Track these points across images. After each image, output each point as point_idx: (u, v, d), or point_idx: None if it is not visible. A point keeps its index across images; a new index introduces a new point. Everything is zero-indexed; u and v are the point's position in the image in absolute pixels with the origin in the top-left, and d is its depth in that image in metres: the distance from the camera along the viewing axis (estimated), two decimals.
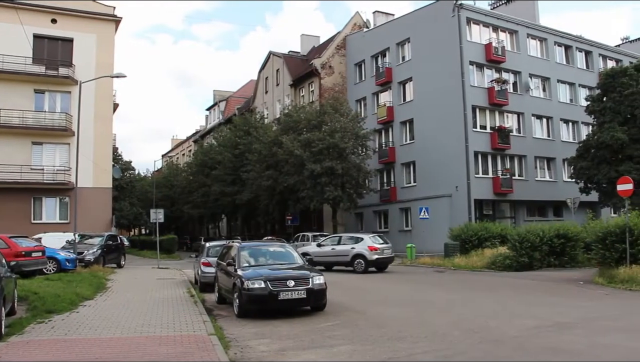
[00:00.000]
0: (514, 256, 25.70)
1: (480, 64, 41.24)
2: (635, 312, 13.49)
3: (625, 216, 20.17)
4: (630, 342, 9.95)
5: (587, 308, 14.17)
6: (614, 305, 14.83)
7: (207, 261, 19.91)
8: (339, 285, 19.77)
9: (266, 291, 13.03)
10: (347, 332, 11.38)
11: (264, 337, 11.06)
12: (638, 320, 12.38)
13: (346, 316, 13.43)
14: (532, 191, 42.44)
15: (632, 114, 36.51)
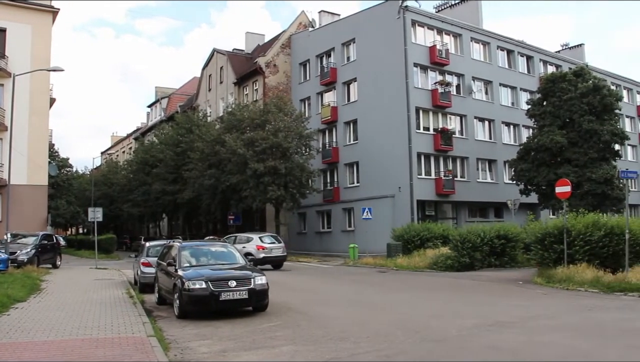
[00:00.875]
0: (456, 256, 26.13)
1: (425, 66, 41.74)
2: (572, 311, 13.87)
3: (563, 218, 20.76)
4: (567, 340, 10.23)
5: (526, 307, 14.50)
6: (551, 304, 15.21)
7: (147, 261, 19.63)
8: (282, 285, 19.75)
9: (207, 291, 12.91)
10: (289, 332, 11.37)
11: (205, 338, 10.96)
12: (574, 318, 12.73)
13: (288, 316, 13.42)
14: (473, 192, 43.25)
15: (570, 118, 37.67)
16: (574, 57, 56.17)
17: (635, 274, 17.64)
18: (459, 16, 46.56)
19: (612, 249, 19.31)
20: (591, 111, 37.42)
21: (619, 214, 32.74)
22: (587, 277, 18.14)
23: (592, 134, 37.05)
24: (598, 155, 37.37)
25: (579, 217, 20.69)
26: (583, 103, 37.23)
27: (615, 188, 36.47)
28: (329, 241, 44.92)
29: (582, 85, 37.86)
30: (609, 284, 17.32)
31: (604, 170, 36.66)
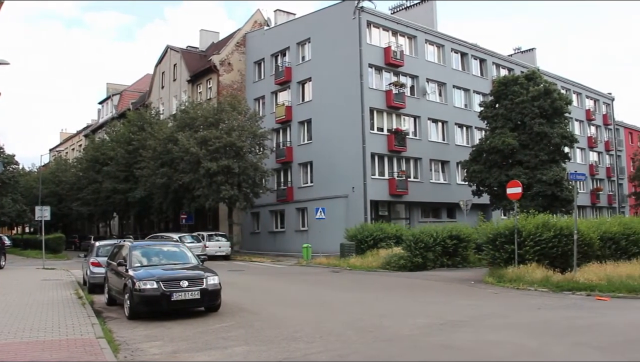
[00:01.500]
0: (409, 256, 26.32)
1: (379, 67, 42.02)
2: (522, 310, 14.12)
3: (514, 218, 21.15)
4: (517, 338, 10.41)
5: (478, 307, 14.71)
6: (502, 303, 15.48)
7: (97, 261, 19.36)
8: (234, 285, 19.64)
9: (159, 291, 12.79)
10: (242, 332, 11.33)
11: (156, 339, 10.83)
12: (524, 317, 12.96)
13: (241, 316, 13.36)
14: (426, 193, 43.69)
15: (522, 121, 38.39)
16: (526, 61, 57.40)
17: (583, 274, 18.11)
18: (414, 18, 47.02)
19: (561, 249, 19.76)
20: (542, 114, 38.18)
21: (568, 215, 33.46)
22: (537, 277, 18.53)
23: (543, 136, 37.82)
24: (548, 158, 38.16)
25: (529, 218, 21.10)
26: (534, 106, 37.97)
27: (565, 190, 37.27)
28: (282, 241, 44.86)
29: (533, 88, 38.61)
30: (558, 283, 17.74)
31: (553, 172, 37.42)
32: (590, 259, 20.05)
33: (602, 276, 17.71)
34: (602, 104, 69.41)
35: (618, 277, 17.46)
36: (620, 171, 70.40)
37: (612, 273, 17.96)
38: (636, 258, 21.45)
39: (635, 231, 23.12)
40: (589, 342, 9.84)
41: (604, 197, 65.73)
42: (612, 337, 10.26)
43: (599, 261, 20.07)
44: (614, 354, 9.09)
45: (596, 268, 18.86)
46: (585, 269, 18.68)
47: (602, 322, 11.98)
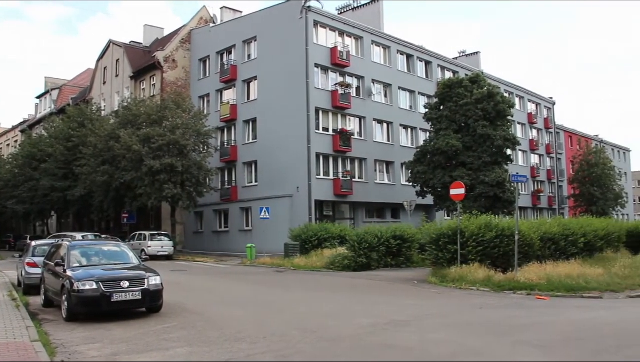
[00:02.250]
0: (353, 257, 26.44)
1: (326, 67, 42.11)
2: (464, 309, 14.33)
3: (457, 219, 21.49)
4: (458, 337, 10.55)
5: (421, 306, 14.87)
6: (445, 303, 15.69)
7: (33, 261, 18.82)
8: (177, 286, 19.39)
9: (98, 292, 12.52)
10: (185, 334, 11.17)
11: (95, 341, 10.58)
12: (466, 317, 13.16)
13: (184, 317, 13.19)
14: (371, 193, 44.00)
15: (466, 123, 39.01)
16: (471, 65, 58.40)
17: (524, 274, 18.55)
18: (360, 19, 47.28)
19: (502, 249, 20.15)
20: (485, 117, 38.86)
21: (510, 216, 34.20)
22: (479, 277, 18.87)
23: (486, 138, 38.49)
24: (491, 160, 38.87)
25: (472, 218, 21.47)
26: (478, 109, 38.63)
27: (507, 191, 38.02)
28: (226, 241, 44.52)
29: (477, 91, 39.27)
30: (500, 283, 18.11)
31: (496, 173, 38.13)
32: (530, 259, 20.55)
33: (542, 275, 18.19)
34: (543, 108, 71.25)
35: (557, 276, 17.97)
36: (561, 174, 72.43)
37: (551, 273, 18.47)
38: (575, 258, 22.20)
39: (574, 231, 23.86)
40: (529, 341, 10.03)
41: (545, 198, 67.47)
42: (552, 336, 10.48)
43: (539, 261, 20.60)
44: (554, 352, 9.29)
45: (536, 268, 19.36)
46: (526, 269, 19.14)
47: (542, 321, 12.23)
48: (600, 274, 18.72)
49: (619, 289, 17.06)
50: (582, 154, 66.55)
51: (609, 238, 27.11)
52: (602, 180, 62.48)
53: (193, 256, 40.01)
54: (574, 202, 65.68)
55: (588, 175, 63.22)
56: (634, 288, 17.32)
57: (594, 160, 63.60)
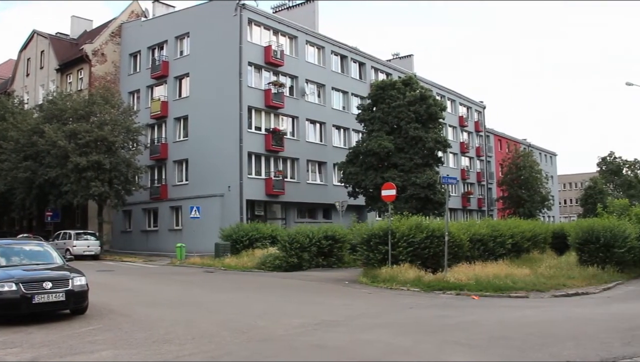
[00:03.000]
0: (284, 257, 26.42)
1: (259, 65, 41.92)
2: (395, 309, 14.50)
3: (388, 220, 21.75)
4: (389, 337, 10.63)
5: (352, 306, 14.94)
6: (376, 303, 15.84)
7: None
8: (103, 286, 18.92)
9: (18, 294, 11.96)
10: (111, 336, 10.87)
11: (14, 345, 10.12)
12: (397, 316, 13.31)
13: (110, 319, 12.85)
14: (303, 193, 44.06)
15: (398, 125, 39.50)
16: (404, 67, 59.20)
17: (453, 274, 18.93)
18: (295, 18, 47.28)
19: (433, 250, 20.50)
20: (417, 119, 39.45)
21: (440, 217, 34.73)
22: (409, 277, 19.12)
23: (418, 140, 39.08)
24: (422, 161, 39.50)
25: (403, 219, 21.72)
26: (410, 111, 39.18)
27: (437, 193, 38.68)
28: (155, 240, 43.78)
29: (410, 94, 39.86)
30: (430, 283, 18.40)
31: (427, 175, 38.74)
32: (460, 260, 20.98)
33: (471, 276, 18.60)
34: (474, 111, 72.86)
35: (485, 277, 18.43)
36: (490, 176, 74.27)
37: (480, 273, 18.92)
38: (503, 259, 22.83)
39: (502, 233, 24.53)
40: (457, 340, 10.21)
41: (474, 200, 69.08)
42: (479, 335, 10.69)
43: (468, 261, 21.07)
44: (480, 351, 9.48)
45: (465, 268, 19.80)
46: (455, 270, 19.53)
47: (470, 320, 12.47)
48: (526, 275, 19.31)
49: (545, 288, 17.64)
50: (510, 157, 68.59)
51: (536, 239, 28.00)
52: (529, 183, 64.36)
53: (121, 256, 39.17)
54: (503, 204, 67.48)
55: (516, 178, 65.07)
56: (558, 288, 17.95)
57: (522, 163, 65.49)
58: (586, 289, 18.11)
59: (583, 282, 18.91)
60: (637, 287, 19.70)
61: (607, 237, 20.97)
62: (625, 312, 13.63)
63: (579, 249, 22.12)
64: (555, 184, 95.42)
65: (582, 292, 17.54)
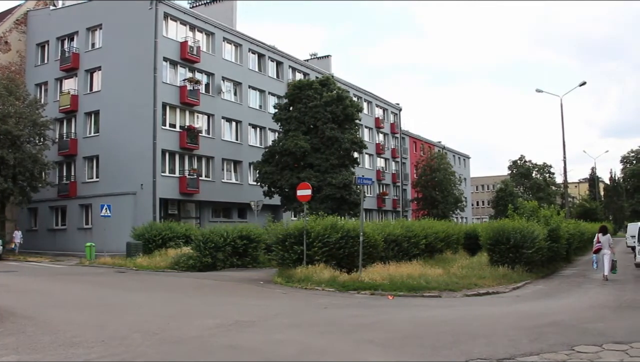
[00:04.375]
0: (198, 256, 26.19)
1: (175, 61, 41.31)
2: (309, 309, 14.54)
3: (304, 220, 21.82)
4: (303, 337, 10.64)
5: (266, 306, 14.89)
6: (290, 303, 15.84)
7: None
8: (5, 287, 18.25)
9: None
10: (12, 340, 10.36)
11: None
12: (311, 317, 13.33)
13: (12, 322, 12.25)
14: (218, 192, 43.74)
15: (314, 125, 39.77)
16: (321, 67, 59.63)
17: (368, 274, 19.18)
18: (213, 15, 46.81)
19: (348, 250, 20.71)
20: (334, 120, 39.83)
21: (355, 217, 35.16)
22: (324, 277, 19.24)
23: (334, 141, 39.46)
24: (338, 162, 39.91)
25: (318, 219, 21.84)
26: (327, 111, 39.52)
27: (353, 193, 39.17)
28: (63, 240, 42.38)
29: (327, 94, 40.21)
30: (344, 283, 18.56)
31: (343, 176, 39.18)
32: (375, 260, 21.27)
33: (385, 275, 18.89)
34: (390, 113, 74.16)
35: (400, 277, 18.74)
36: (405, 177, 75.80)
37: (394, 273, 19.23)
38: (416, 259, 23.28)
39: (416, 233, 25.03)
40: (372, 339, 10.31)
41: (389, 201, 70.35)
42: (393, 334, 10.84)
43: (383, 261, 21.39)
44: (395, 350, 9.61)
45: (380, 268, 20.10)
46: (370, 270, 19.80)
47: (384, 320, 12.63)
48: (439, 274, 19.76)
49: (457, 288, 18.06)
50: (425, 159, 70.19)
51: (449, 240, 28.77)
52: (443, 184, 66.02)
53: (25, 256, 37.66)
54: (417, 205, 68.97)
55: (430, 179, 66.60)
56: (470, 287, 18.42)
57: (436, 165, 67.07)
58: (496, 288, 18.64)
59: (494, 282, 19.47)
60: (544, 287, 20.46)
61: (516, 238, 21.65)
62: (532, 311, 14.13)
63: (490, 250, 22.76)
64: (468, 186, 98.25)
65: (492, 292, 18.05)
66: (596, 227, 29.00)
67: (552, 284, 21.60)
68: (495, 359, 8.73)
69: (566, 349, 9.34)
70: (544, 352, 9.10)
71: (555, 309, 14.65)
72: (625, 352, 9.12)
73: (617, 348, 9.41)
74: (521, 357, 8.86)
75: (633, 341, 9.93)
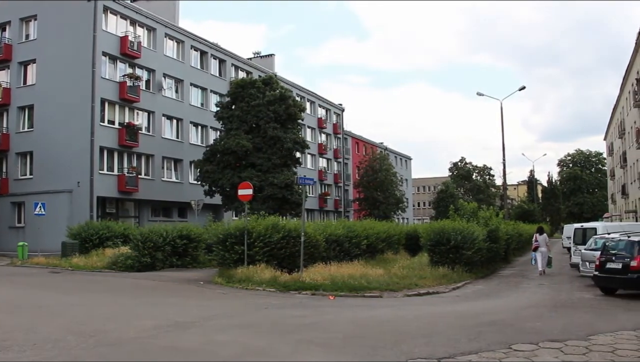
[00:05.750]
0: (137, 256, 25.76)
1: (114, 56, 40.54)
2: (250, 310, 14.47)
3: (245, 219, 21.76)
4: (244, 338, 10.59)
5: (206, 307, 14.80)
6: (230, 304, 15.77)
7: None
8: None
9: None
10: None
11: None
12: (252, 317, 13.28)
13: None
14: (157, 191, 43.23)
15: (257, 124, 39.67)
16: (265, 66, 59.43)
17: (309, 274, 19.26)
18: (155, 10, 46.01)
19: (289, 250, 20.75)
20: (277, 119, 39.81)
21: (297, 217, 35.21)
22: (265, 277, 19.20)
23: (276, 140, 39.44)
24: (280, 162, 39.90)
25: (260, 219, 21.84)
26: (270, 110, 39.48)
27: (295, 193, 39.21)
28: None
29: (270, 93, 40.17)
30: (285, 283, 18.57)
31: (285, 175, 39.18)
32: (316, 260, 21.35)
33: (326, 276, 18.99)
34: (333, 113, 74.53)
35: (341, 277, 18.87)
36: (347, 178, 76.25)
37: (335, 273, 19.37)
38: (358, 259, 23.50)
39: (358, 234, 25.28)
40: (313, 340, 10.33)
41: (331, 201, 70.65)
42: (334, 334, 10.88)
43: (324, 262, 21.51)
44: (336, 350, 9.65)
45: (321, 269, 20.21)
46: (311, 270, 19.88)
47: (325, 320, 12.68)
48: (380, 275, 19.98)
49: (397, 288, 18.28)
50: (367, 160, 70.87)
51: (390, 240, 29.09)
52: (385, 185, 66.78)
53: None
54: (359, 205, 69.52)
55: (372, 180, 67.28)
56: (410, 287, 18.67)
57: (378, 166, 67.82)
58: (437, 288, 18.93)
59: (434, 282, 19.77)
60: (483, 287, 20.89)
61: (457, 239, 22.01)
62: (472, 310, 14.40)
63: (430, 250, 23.09)
64: (409, 187, 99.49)
65: (433, 292, 18.32)
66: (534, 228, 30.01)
67: (491, 284, 22.08)
68: (435, 358, 8.86)
69: (504, 347, 9.56)
70: (483, 351, 9.28)
71: (493, 308, 14.97)
72: (560, 350, 9.41)
73: (552, 346, 9.70)
74: (460, 356, 9.01)
75: (567, 338, 10.27)
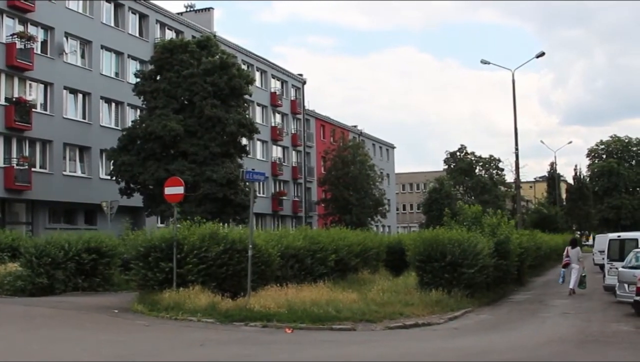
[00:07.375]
0: (29, 276, 25.30)
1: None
2: (180, 347, 14.37)
3: (174, 227, 21.50)
4: None
5: (122, 343, 14.68)
6: (155, 338, 15.65)
7: None
8: None
9: None
10: None
11: None
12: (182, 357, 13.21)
13: None
14: (58, 189, 42.86)
15: (190, 100, 39.41)
16: (200, 24, 59.13)
17: (259, 300, 18.99)
18: None
19: (232, 268, 20.57)
20: (216, 94, 39.58)
21: (243, 224, 35.09)
22: (201, 304, 19.02)
23: (216, 122, 39.22)
24: (221, 150, 39.69)
25: (194, 227, 21.58)
26: (207, 83, 39.22)
27: (240, 192, 39.13)
28: None
29: (207, 60, 39.92)
30: (228, 311, 18.41)
31: (227, 169, 39.02)
32: (268, 281, 21.22)
33: (282, 302, 18.83)
34: (291, 87, 74.53)
35: (301, 303, 18.73)
36: (309, 172, 75.96)
37: (294, 299, 19.22)
38: (324, 280, 23.31)
39: (324, 246, 25.16)
40: None
41: (289, 203, 70.52)
42: None
43: (279, 283, 21.30)
44: None
45: (275, 292, 20.05)
46: (262, 294, 19.70)
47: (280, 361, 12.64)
48: (354, 301, 19.89)
49: (376, 318, 18.23)
50: (335, 148, 70.55)
51: (366, 255, 29.11)
52: (359, 182, 66.61)
53: None
54: (325, 208, 69.40)
55: (343, 175, 66.99)
56: (393, 317, 18.62)
57: (350, 156, 67.57)
58: (428, 318, 18.98)
59: (424, 311, 19.76)
60: (489, 316, 21.03)
61: (454, 254, 22.01)
62: (474, 348, 14.46)
63: (419, 268, 23.10)
64: (392, 185, 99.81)
65: (422, 323, 18.36)
66: (555, 239, 30.33)
67: (499, 312, 22.26)
68: None
69: None
70: None
71: (503, 345, 15.05)
72: None
73: None
74: None
75: None
